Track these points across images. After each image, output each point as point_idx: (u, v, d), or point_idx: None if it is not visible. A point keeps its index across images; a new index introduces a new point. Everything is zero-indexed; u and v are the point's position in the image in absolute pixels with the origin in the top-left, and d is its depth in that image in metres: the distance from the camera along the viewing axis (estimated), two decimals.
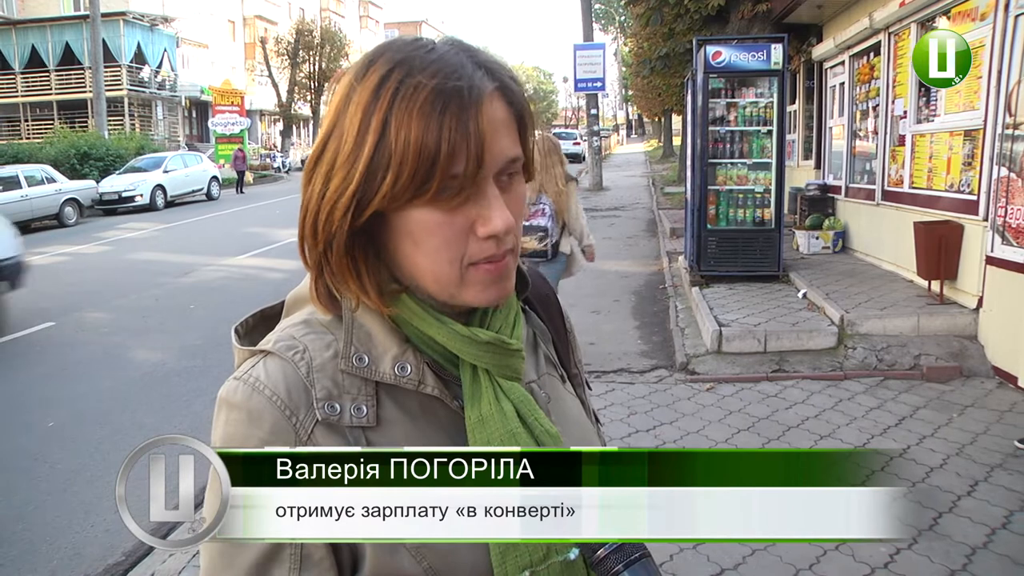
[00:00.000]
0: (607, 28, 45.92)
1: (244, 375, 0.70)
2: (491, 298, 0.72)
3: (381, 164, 0.64)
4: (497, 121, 0.67)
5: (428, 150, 0.63)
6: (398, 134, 0.64)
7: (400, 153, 0.63)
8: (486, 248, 0.69)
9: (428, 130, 0.63)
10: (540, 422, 0.73)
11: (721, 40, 7.64)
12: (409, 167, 0.64)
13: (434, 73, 0.65)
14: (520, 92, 0.71)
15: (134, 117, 29.49)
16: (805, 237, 8.45)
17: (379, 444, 0.69)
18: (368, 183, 0.65)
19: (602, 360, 5.56)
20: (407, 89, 0.64)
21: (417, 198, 0.65)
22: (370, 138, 0.65)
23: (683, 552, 3.00)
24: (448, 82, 0.64)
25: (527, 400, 0.75)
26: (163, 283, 9.33)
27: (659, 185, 20.31)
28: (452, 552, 0.68)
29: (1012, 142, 4.76)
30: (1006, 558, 2.87)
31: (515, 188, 0.71)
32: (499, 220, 0.67)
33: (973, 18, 5.60)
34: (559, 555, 0.70)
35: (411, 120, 0.63)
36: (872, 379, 4.89)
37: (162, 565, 3.17)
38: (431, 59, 0.66)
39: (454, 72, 0.65)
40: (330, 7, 47.55)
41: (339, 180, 0.66)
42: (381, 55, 0.68)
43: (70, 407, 5.10)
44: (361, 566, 0.68)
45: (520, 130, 0.71)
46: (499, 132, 0.67)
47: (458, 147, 0.64)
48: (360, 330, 0.72)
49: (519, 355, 0.75)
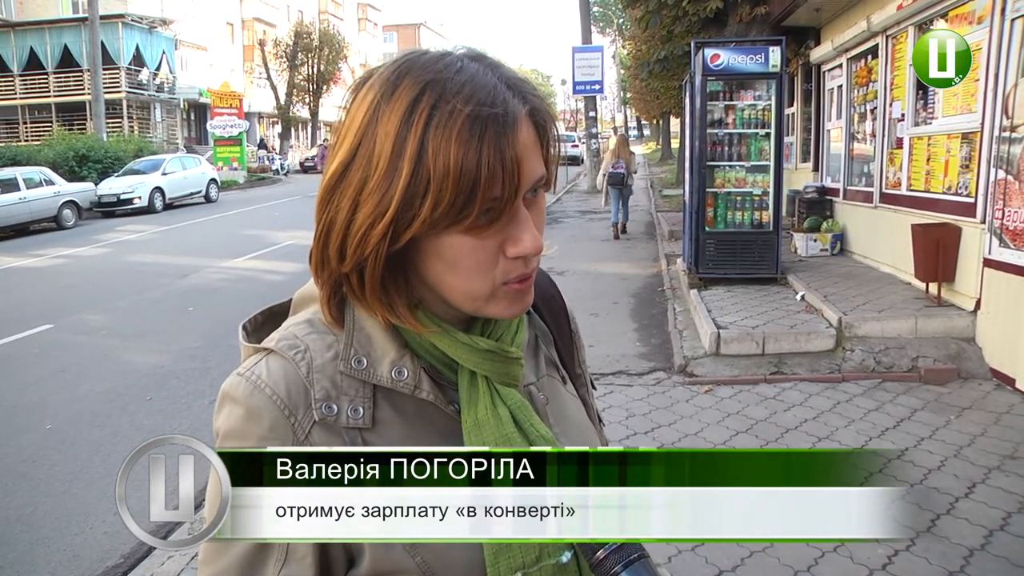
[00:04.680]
0: (605, 30, 45.95)
1: (247, 372, 0.71)
2: (515, 312, 0.73)
3: (419, 190, 0.64)
4: (528, 144, 0.67)
5: (468, 176, 0.63)
6: (436, 160, 0.63)
7: (440, 179, 0.63)
8: (516, 267, 0.69)
9: (467, 157, 0.63)
10: (535, 427, 0.74)
11: (719, 43, 7.65)
12: (449, 193, 0.63)
13: (468, 98, 0.64)
14: (546, 111, 0.71)
15: (132, 119, 29.47)
16: (803, 239, 8.46)
17: (375, 445, 0.69)
18: (405, 209, 0.64)
19: (600, 362, 5.56)
20: (442, 115, 0.63)
21: (455, 224, 0.65)
22: (406, 164, 0.64)
23: (682, 554, 3.00)
24: (484, 108, 0.64)
25: (523, 405, 0.75)
26: (162, 285, 9.32)
27: (657, 187, 20.34)
28: (446, 549, 0.68)
29: (1009, 144, 4.77)
30: (1004, 560, 2.87)
31: (539, 204, 0.72)
32: (529, 241, 0.68)
33: (970, 21, 5.61)
34: (551, 557, 0.70)
35: (449, 146, 0.63)
36: (870, 381, 4.90)
37: (161, 567, 3.16)
38: (462, 81, 0.65)
39: (488, 96, 0.65)
40: (328, 9, 47.61)
41: (372, 206, 0.65)
42: (407, 73, 0.67)
43: (68, 409, 5.09)
44: (359, 561, 0.69)
45: (544, 147, 0.71)
46: (530, 154, 0.68)
47: (496, 173, 0.64)
48: (361, 333, 0.73)
49: (518, 363, 0.76)
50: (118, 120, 28.48)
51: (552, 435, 0.75)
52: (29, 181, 15.79)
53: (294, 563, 0.67)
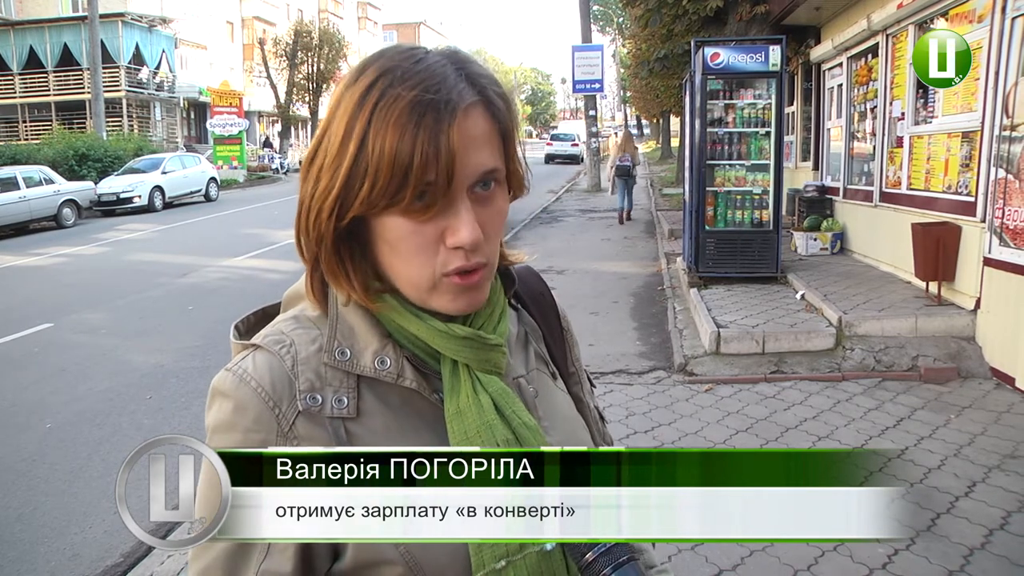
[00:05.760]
0: (605, 29, 45.93)
1: (235, 367, 0.73)
2: (460, 307, 0.74)
3: (359, 171, 0.67)
4: (474, 134, 0.68)
5: (401, 161, 0.65)
6: (375, 143, 0.66)
7: (376, 162, 0.66)
8: (455, 259, 0.70)
9: (402, 141, 0.65)
10: (518, 414, 0.75)
11: (719, 42, 7.64)
12: (384, 176, 0.66)
13: (415, 84, 0.66)
14: (505, 107, 0.72)
15: (132, 118, 29.43)
16: (803, 238, 8.46)
17: (359, 434, 0.71)
18: (348, 189, 0.68)
19: (600, 361, 5.56)
20: (388, 99, 0.66)
21: (392, 206, 0.68)
22: (351, 146, 0.67)
23: (681, 553, 3.00)
24: (426, 94, 0.66)
25: (505, 393, 0.76)
26: (161, 284, 9.32)
27: (657, 186, 20.33)
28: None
29: (1009, 143, 4.77)
30: (1004, 559, 2.87)
31: (493, 201, 0.72)
32: (466, 232, 0.69)
33: (970, 20, 5.61)
34: (535, 545, 0.71)
35: (387, 130, 0.66)
36: (870, 380, 4.90)
37: (160, 567, 3.16)
38: (416, 70, 0.68)
39: (434, 84, 0.67)
40: (328, 8, 47.57)
41: (325, 183, 0.70)
42: (373, 63, 0.70)
43: (68, 408, 5.09)
44: (343, 552, 0.70)
45: (504, 142, 0.72)
46: (475, 145, 0.68)
47: (429, 160, 0.66)
48: (344, 325, 0.75)
49: (498, 350, 0.77)
50: (118, 119, 28.45)
51: (535, 423, 0.76)
52: (29, 180, 15.79)
53: (276, 556, 0.68)
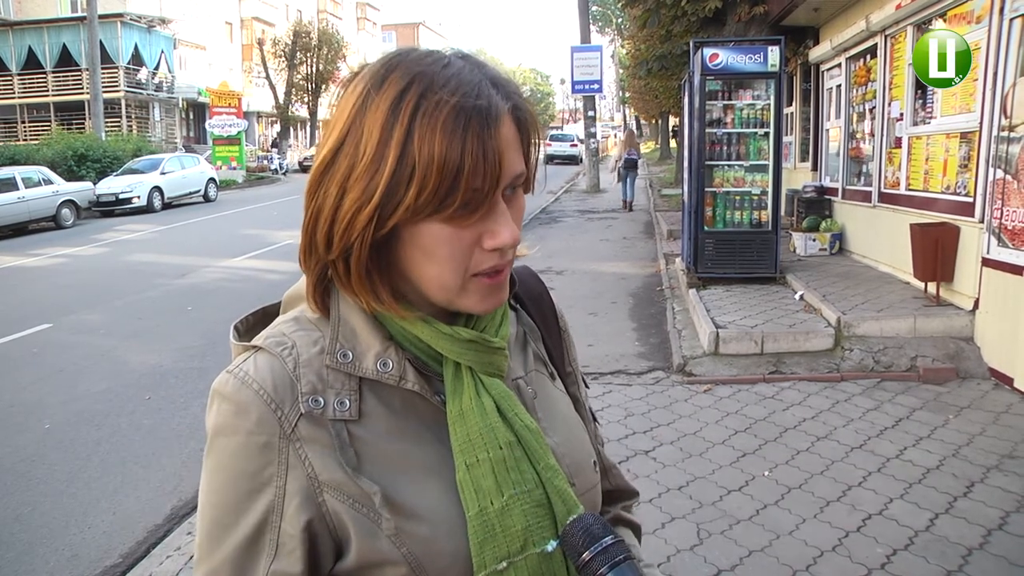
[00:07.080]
0: (604, 30, 45.94)
1: (235, 369, 0.73)
2: (488, 307, 0.74)
3: (404, 178, 0.66)
4: (509, 139, 0.69)
5: (452, 165, 0.65)
6: (421, 148, 0.65)
7: (424, 167, 0.65)
8: (490, 259, 0.71)
9: (452, 146, 0.65)
10: (520, 417, 0.76)
11: (718, 42, 7.64)
12: (433, 181, 0.65)
13: (454, 90, 0.66)
14: (529, 111, 0.73)
15: (131, 119, 29.41)
16: (802, 239, 8.46)
17: (361, 437, 0.71)
18: (390, 196, 0.66)
19: (599, 362, 5.56)
20: (429, 105, 0.65)
21: (437, 213, 0.67)
22: (392, 151, 0.66)
23: (681, 553, 3.00)
24: (469, 100, 0.66)
25: (507, 396, 0.77)
26: (160, 285, 9.31)
27: (656, 187, 20.33)
28: (432, 540, 0.70)
29: (1008, 144, 4.77)
30: (1002, 559, 2.87)
31: (517, 201, 0.74)
32: (507, 234, 0.70)
33: (969, 21, 5.61)
34: (536, 546, 0.71)
35: (434, 135, 0.65)
36: (869, 380, 4.90)
37: (159, 567, 3.16)
38: (448, 75, 0.67)
39: (472, 90, 0.67)
40: (327, 9, 47.55)
41: (359, 192, 0.67)
42: (397, 66, 0.69)
43: (67, 409, 5.09)
44: (346, 553, 0.70)
45: (524, 146, 0.73)
46: (511, 149, 0.70)
47: (478, 164, 0.66)
48: (345, 327, 0.75)
49: (501, 353, 0.78)
50: (117, 119, 28.43)
51: (536, 425, 0.77)
52: (28, 180, 15.78)
53: (284, 557, 0.68)
